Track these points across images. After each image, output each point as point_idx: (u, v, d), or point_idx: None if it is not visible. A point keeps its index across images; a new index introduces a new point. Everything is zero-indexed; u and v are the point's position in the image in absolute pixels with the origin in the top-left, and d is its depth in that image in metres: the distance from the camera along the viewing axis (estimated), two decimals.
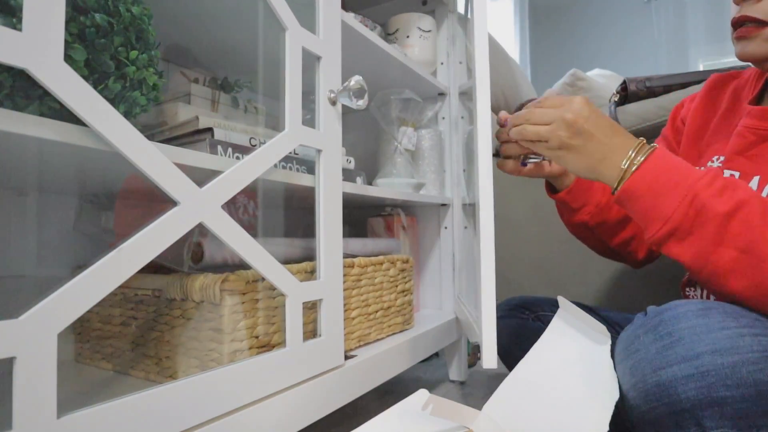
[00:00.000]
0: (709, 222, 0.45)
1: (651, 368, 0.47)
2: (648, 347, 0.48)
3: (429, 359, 1.21)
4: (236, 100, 0.75)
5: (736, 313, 0.46)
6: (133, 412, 0.38)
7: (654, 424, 0.48)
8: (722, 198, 0.45)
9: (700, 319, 0.46)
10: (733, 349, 0.43)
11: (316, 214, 0.61)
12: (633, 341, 0.51)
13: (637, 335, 0.51)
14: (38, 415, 0.32)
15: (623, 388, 0.51)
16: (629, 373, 0.50)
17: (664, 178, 0.49)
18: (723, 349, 0.43)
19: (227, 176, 0.48)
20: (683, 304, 0.49)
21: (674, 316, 0.48)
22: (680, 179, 0.48)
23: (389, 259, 0.84)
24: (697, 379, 0.44)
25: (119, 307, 0.64)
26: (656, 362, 0.47)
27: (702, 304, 0.47)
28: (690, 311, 0.47)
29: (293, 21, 0.57)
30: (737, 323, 0.45)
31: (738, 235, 0.44)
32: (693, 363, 0.44)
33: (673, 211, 0.47)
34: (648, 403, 0.47)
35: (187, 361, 0.56)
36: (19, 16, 0.33)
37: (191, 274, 0.56)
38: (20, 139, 0.36)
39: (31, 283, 0.66)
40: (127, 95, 0.45)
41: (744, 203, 0.44)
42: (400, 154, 0.99)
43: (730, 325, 0.45)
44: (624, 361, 0.52)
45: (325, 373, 0.60)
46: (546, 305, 0.89)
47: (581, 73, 1.36)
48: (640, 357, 0.49)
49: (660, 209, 0.49)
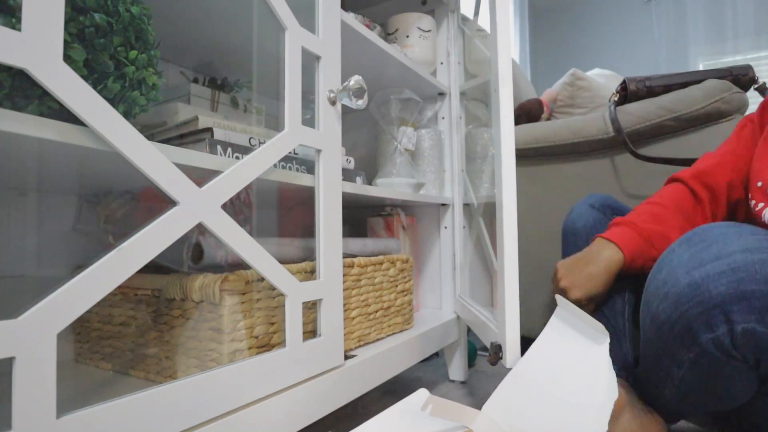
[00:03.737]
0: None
1: (684, 270, 0.51)
2: (681, 255, 0.53)
3: (429, 359, 1.21)
4: (236, 100, 0.75)
5: (765, 231, 0.51)
6: (133, 412, 0.38)
7: (681, 335, 0.52)
8: None
9: (732, 228, 0.50)
10: (763, 248, 0.47)
11: (315, 214, 0.61)
12: (666, 256, 0.56)
13: (671, 249, 0.55)
14: (38, 415, 0.32)
15: (646, 316, 0.58)
16: (661, 284, 0.55)
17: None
18: (753, 248, 0.47)
19: (227, 176, 0.48)
20: (715, 224, 0.54)
21: (707, 228, 0.53)
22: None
23: (389, 259, 0.84)
24: (728, 275, 0.47)
25: (119, 307, 0.64)
26: (690, 264, 0.51)
27: (733, 224, 0.52)
28: (723, 224, 0.52)
29: (293, 21, 0.57)
30: (766, 234, 0.49)
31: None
32: (725, 261, 0.48)
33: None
34: (679, 308, 0.51)
35: (187, 361, 0.56)
36: (19, 16, 0.33)
37: (191, 273, 0.56)
38: (20, 139, 0.36)
39: (30, 283, 0.66)
40: (127, 95, 0.45)
41: None
42: (400, 154, 0.99)
43: (759, 233, 0.49)
44: (653, 280, 0.57)
45: (325, 373, 0.60)
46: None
47: (581, 73, 1.36)
48: (674, 264, 0.53)
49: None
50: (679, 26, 3.32)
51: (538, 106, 1.32)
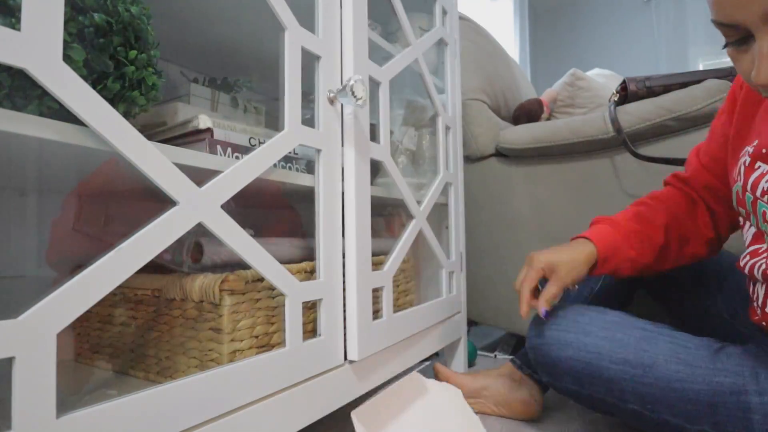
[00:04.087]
0: None
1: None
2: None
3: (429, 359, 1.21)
4: (236, 100, 0.75)
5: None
6: (133, 412, 0.38)
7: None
8: None
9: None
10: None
11: (315, 214, 0.61)
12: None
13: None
14: (38, 415, 0.32)
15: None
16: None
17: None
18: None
19: (227, 176, 0.48)
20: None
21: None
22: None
23: None
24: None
25: (119, 307, 0.64)
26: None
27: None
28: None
29: (293, 21, 0.57)
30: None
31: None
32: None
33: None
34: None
35: (187, 361, 0.56)
36: (18, 15, 0.33)
37: (191, 274, 0.56)
38: (20, 139, 0.36)
39: (30, 283, 0.66)
40: (126, 95, 0.45)
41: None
42: (401, 154, 0.99)
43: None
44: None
45: (325, 373, 0.60)
46: None
47: (581, 73, 1.36)
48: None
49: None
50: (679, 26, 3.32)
51: (538, 106, 1.32)
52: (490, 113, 1.26)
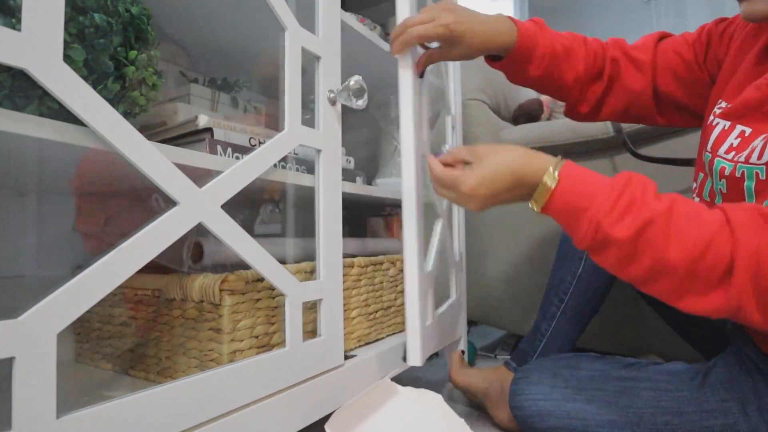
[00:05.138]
0: (614, 248, 0.48)
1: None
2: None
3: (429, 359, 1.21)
4: (236, 100, 0.75)
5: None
6: (133, 412, 0.38)
7: None
8: (624, 222, 0.47)
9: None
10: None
11: (315, 214, 0.61)
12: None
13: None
14: (38, 415, 0.32)
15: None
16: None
17: (573, 203, 0.51)
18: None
19: (227, 176, 0.48)
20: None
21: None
22: (587, 204, 0.49)
23: (389, 259, 0.84)
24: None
25: (119, 307, 0.64)
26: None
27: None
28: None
29: (293, 21, 0.57)
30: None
31: (644, 254, 0.47)
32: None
33: (582, 238, 0.50)
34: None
35: (187, 361, 0.56)
36: (19, 16, 0.33)
37: (191, 274, 0.56)
38: (20, 139, 0.36)
39: (31, 283, 0.66)
40: (127, 95, 0.45)
41: (647, 224, 0.46)
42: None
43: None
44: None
45: (325, 373, 0.60)
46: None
47: None
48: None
49: (573, 231, 0.52)
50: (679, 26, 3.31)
51: (538, 106, 1.32)
52: (490, 113, 1.26)
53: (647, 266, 0.47)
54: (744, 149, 0.53)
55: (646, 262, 0.47)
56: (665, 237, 0.45)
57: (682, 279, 0.45)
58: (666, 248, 0.45)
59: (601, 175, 0.51)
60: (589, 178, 0.51)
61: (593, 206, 0.49)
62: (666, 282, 0.47)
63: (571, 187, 0.51)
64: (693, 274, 0.45)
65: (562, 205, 0.52)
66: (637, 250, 0.47)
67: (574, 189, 0.51)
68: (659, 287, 0.48)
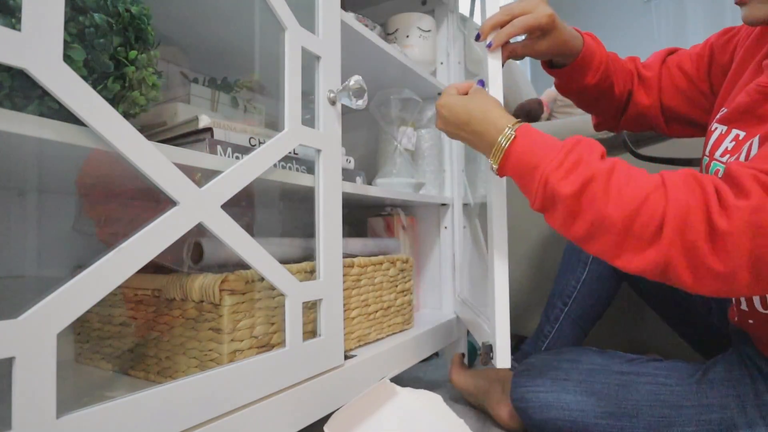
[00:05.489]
0: (560, 203, 0.51)
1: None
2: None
3: (429, 359, 1.21)
4: (236, 100, 0.75)
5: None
6: (133, 412, 0.38)
7: None
8: (568, 179, 0.50)
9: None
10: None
11: (315, 214, 0.61)
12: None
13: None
14: (38, 415, 0.32)
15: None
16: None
17: (526, 160, 0.54)
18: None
19: (227, 176, 0.48)
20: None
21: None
22: (538, 161, 0.52)
23: (389, 259, 0.84)
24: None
25: (119, 307, 0.64)
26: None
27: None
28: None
29: (293, 21, 0.57)
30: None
31: (586, 211, 0.49)
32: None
33: (535, 195, 0.53)
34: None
35: (187, 361, 0.56)
36: (19, 16, 0.33)
37: (191, 274, 0.56)
38: (20, 139, 0.36)
39: (31, 283, 0.66)
40: (127, 95, 0.45)
41: (589, 181, 0.49)
42: (400, 154, 0.99)
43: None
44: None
45: (325, 373, 0.60)
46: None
47: None
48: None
49: (527, 190, 0.55)
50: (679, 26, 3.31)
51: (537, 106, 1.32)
52: None
53: (588, 222, 0.49)
54: (737, 152, 0.55)
55: (588, 218, 0.49)
56: (605, 193, 0.48)
57: (619, 234, 0.47)
58: (605, 204, 0.48)
59: (553, 138, 0.54)
60: (541, 138, 0.54)
61: (542, 163, 0.52)
62: (605, 239, 0.49)
63: (524, 147, 0.54)
64: (629, 230, 0.47)
65: (515, 162, 0.55)
66: (581, 207, 0.49)
67: (526, 149, 0.54)
68: (599, 245, 0.50)
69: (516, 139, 0.54)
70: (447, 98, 0.62)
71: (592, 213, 0.48)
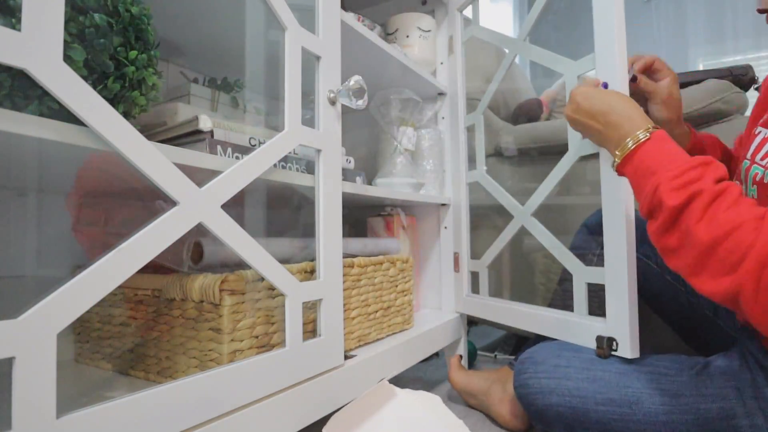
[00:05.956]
0: (662, 213, 0.51)
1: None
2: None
3: (429, 359, 1.21)
4: (236, 100, 0.75)
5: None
6: (133, 412, 0.38)
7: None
8: (678, 192, 0.50)
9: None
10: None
11: (315, 214, 0.61)
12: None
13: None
14: (38, 415, 0.32)
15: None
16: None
17: (648, 163, 0.55)
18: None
19: (227, 176, 0.48)
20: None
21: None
22: (657, 167, 0.54)
23: (389, 259, 0.84)
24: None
25: (119, 307, 0.64)
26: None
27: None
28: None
29: (293, 21, 0.57)
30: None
31: (680, 225, 0.50)
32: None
33: (644, 199, 0.54)
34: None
35: (187, 361, 0.56)
36: (19, 16, 0.33)
37: (191, 274, 0.56)
38: (20, 139, 0.36)
39: (31, 283, 0.66)
40: (127, 95, 0.45)
41: (694, 197, 0.49)
42: (400, 154, 0.99)
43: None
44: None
45: (325, 373, 0.60)
46: None
47: None
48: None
49: (639, 192, 0.56)
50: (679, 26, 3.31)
51: (537, 106, 1.32)
52: (489, 113, 1.26)
53: (678, 236, 0.50)
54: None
55: (679, 232, 0.50)
56: (703, 212, 0.48)
57: (702, 254, 0.47)
58: (698, 222, 0.48)
59: (684, 153, 0.55)
60: (673, 148, 0.55)
61: (661, 170, 0.53)
62: (688, 255, 0.49)
63: (652, 149, 0.56)
64: (712, 252, 0.47)
65: (638, 161, 0.56)
66: (678, 220, 0.50)
67: (653, 152, 0.55)
68: (681, 260, 0.50)
69: (650, 140, 0.56)
70: (586, 88, 0.65)
71: (684, 227, 0.49)
